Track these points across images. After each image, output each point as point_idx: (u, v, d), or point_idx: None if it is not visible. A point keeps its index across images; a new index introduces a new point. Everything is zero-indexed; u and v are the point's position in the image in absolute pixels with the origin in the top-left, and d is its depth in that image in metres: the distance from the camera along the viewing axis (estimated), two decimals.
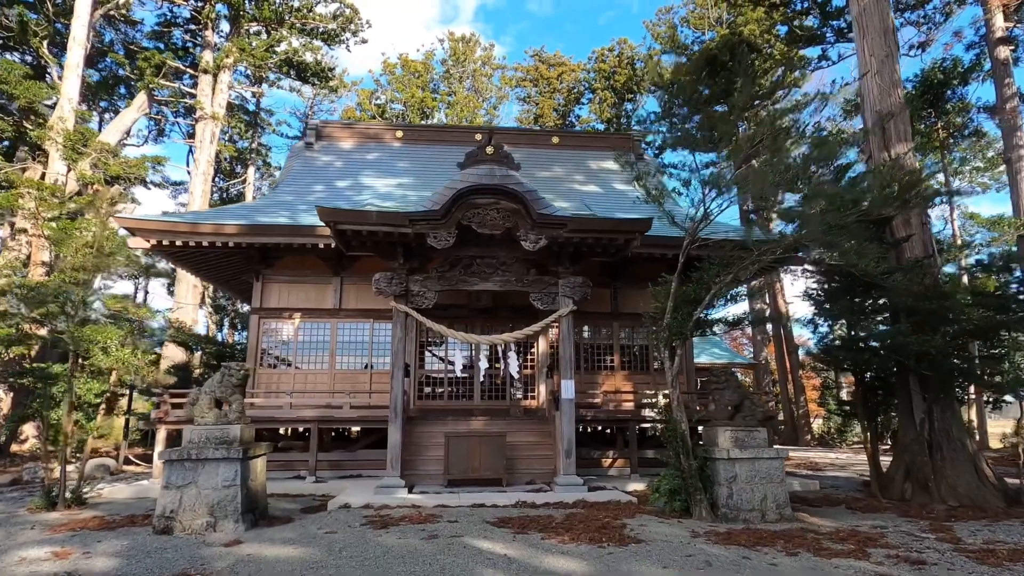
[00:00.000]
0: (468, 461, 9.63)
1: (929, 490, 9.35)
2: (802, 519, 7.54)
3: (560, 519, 7.22)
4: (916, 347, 8.13)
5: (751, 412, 8.06)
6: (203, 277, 14.26)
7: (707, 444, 8.14)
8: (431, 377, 13.04)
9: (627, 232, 9.20)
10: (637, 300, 13.57)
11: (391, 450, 9.34)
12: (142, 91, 23.78)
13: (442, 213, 8.87)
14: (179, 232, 10.93)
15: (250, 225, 11.09)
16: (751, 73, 16.64)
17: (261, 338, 12.61)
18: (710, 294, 7.76)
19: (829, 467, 15.53)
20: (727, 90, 9.45)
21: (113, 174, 19.11)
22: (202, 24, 26.98)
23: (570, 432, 9.62)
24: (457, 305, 12.72)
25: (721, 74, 11.08)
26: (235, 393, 7.56)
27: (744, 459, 7.65)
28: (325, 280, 12.99)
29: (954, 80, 20.80)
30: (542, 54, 41.62)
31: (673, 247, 11.69)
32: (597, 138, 19.03)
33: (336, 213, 8.86)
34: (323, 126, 16.92)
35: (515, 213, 9.06)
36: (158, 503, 6.92)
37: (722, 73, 11.13)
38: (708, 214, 7.85)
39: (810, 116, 10.49)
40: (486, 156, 9.22)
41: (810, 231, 6.72)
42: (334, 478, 11.50)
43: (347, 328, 12.88)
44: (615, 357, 13.44)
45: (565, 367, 9.88)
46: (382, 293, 9.70)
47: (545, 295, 10.09)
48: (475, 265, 10.11)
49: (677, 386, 7.81)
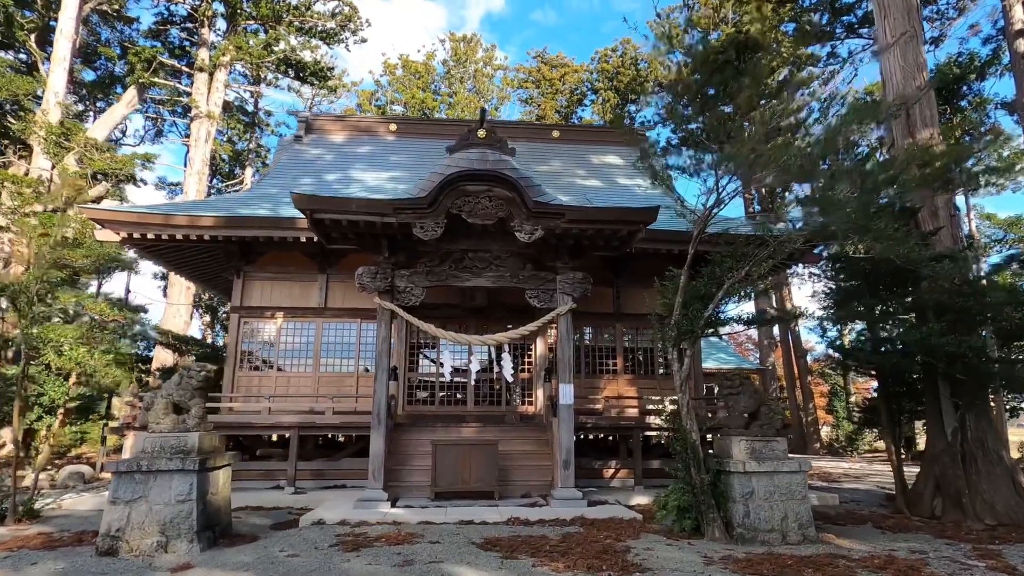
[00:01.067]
0: (458, 472, 8.84)
1: (962, 506, 8.53)
2: (828, 541, 6.73)
3: (556, 540, 6.42)
4: (951, 348, 7.33)
5: (768, 420, 7.26)
6: (184, 274, 13.53)
7: (719, 455, 7.34)
8: (421, 381, 12.26)
9: (631, 223, 8.43)
10: (641, 300, 12.77)
11: (373, 460, 8.56)
12: (132, 86, 23.18)
13: (429, 201, 8.12)
14: (151, 224, 10.21)
15: (227, 217, 10.36)
16: (758, 71, 15.91)
17: (242, 339, 11.86)
18: (723, 289, 6.98)
19: (844, 478, 14.68)
20: (733, 89, 8.74)
21: (98, 170, 18.44)
22: (199, 22, 26.50)
23: (568, 441, 8.83)
24: (449, 304, 11.96)
25: (727, 72, 10.37)
26: (195, 397, 6.80)
27: (762, 472, 6.85)
28: (310, 277, 12.24)
29: (971, 75, 20.04)
30: (544, 55, 40.99)
31: (680, 242, 10.94)
32: (599, 132, 18.29)
33: (313, 200, 8.12)
34: (314, 119, 16.22)
35: (509, 201, 8.30)
36: (103, 520, 6.15)
37: (728, 71, 10.42)
38: (721, 199, 7.08)
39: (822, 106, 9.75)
40: (478, 140, 8.49)
41: (839, 215, 5.97)
42: (316, 488, 10.73)
43: (333, 328, 12.12)
44: (618, 360, 12.64)
45: (563, 370, 9.10)
46: (365, 289, 8.95)
47: (542, 292, 9.33)
48: (466, 260, 9.35)
49: (687, 390, 7.01)
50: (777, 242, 6.72)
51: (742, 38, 26.84)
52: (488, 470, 8.88)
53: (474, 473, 8.83)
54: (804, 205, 6.67)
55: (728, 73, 7.45)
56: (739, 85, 7.07)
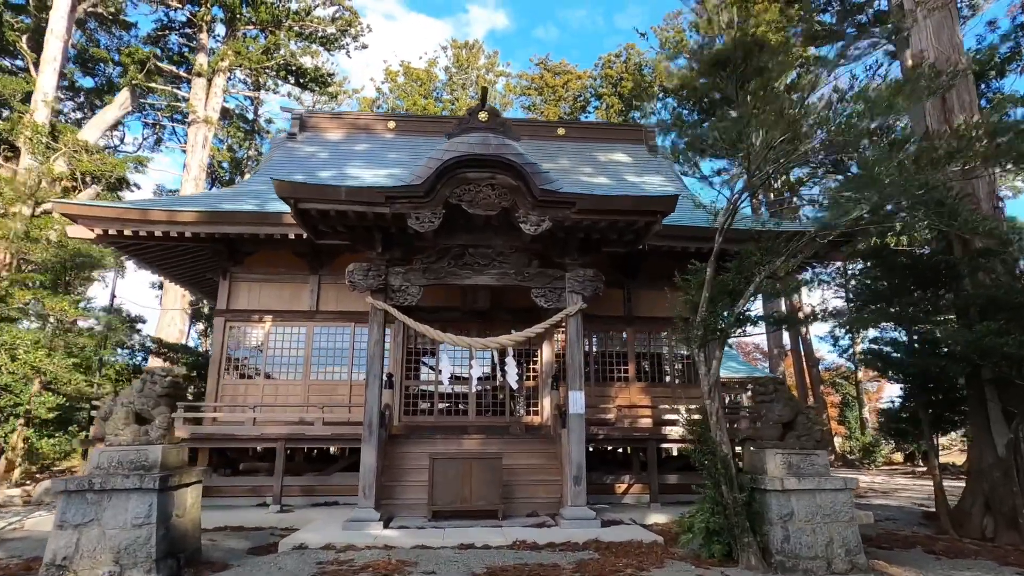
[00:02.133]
0: (458, 489, 8.01)
1: (1019, 528, 7.66)
2: (880, 569, 5.89)
3: (569, 569, 5.61)
4: (1011, 350, 6.51)
5: (807, 431, 6.44)
6: (168, 276, 12.78)
7: (751, 471, 6.52)
8: (419, 390, 11.46)
9: (648, 213, 7.67)
10: (654, 302, 12.00)
11: (364, 475, 7.75)
12: (125, 87, 22.62)
13: (425, 189, 7.38)
14: (128, 220, 9.48)
15: (209, 212, 9.63)
16: (765, 74, 15.24)
17: (227, 344, 11.10)
18: (753, 284, 6.21)
19: (870, 493, 13.77)
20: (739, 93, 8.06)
21: (86, 171, 17.77)
22: (197, 27, 26.13)
23: (579, 454, 8.01)
24: (449, 307, 11.19)
25: (734, 75, 9.74)
26: (160, 405, 6.03)
27: (802, 491, 6.02)
28: (301, 279, 11.49)
29: (990, 71, 19.30)
30: (547, 62, 40.53)
31: (697, 238, 10.19)
32: (606, 130, 17.59)
33: (298, 188, 7.38)
34: (308, 116, 15.55)
35: (513, 190, 7.55)
36: (47, 547, 5.35)
37: (734, 74, 9.80)
38: (753, 181, 6.31)
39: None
40: (479, 123, 7.76)
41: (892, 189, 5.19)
42: (305, 506, 9.92)
43: (325, 333, 11.35)
44: (629, 367, 11.82)
45: (573, 376, 8.30)
46: (356, 287, 8.18)
47: (549, 291, 8.55)
48: (467, 256, 8.60)
49: (717, 397, 6.20)
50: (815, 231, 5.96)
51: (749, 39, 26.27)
52: (491, 486, 8.05)
53: (475, 490, 8.01)
54: (848, 187, 5.90)
55: (734, 78, 6.78)
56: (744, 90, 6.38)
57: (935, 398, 9.40)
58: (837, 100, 5.98)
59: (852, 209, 5.52)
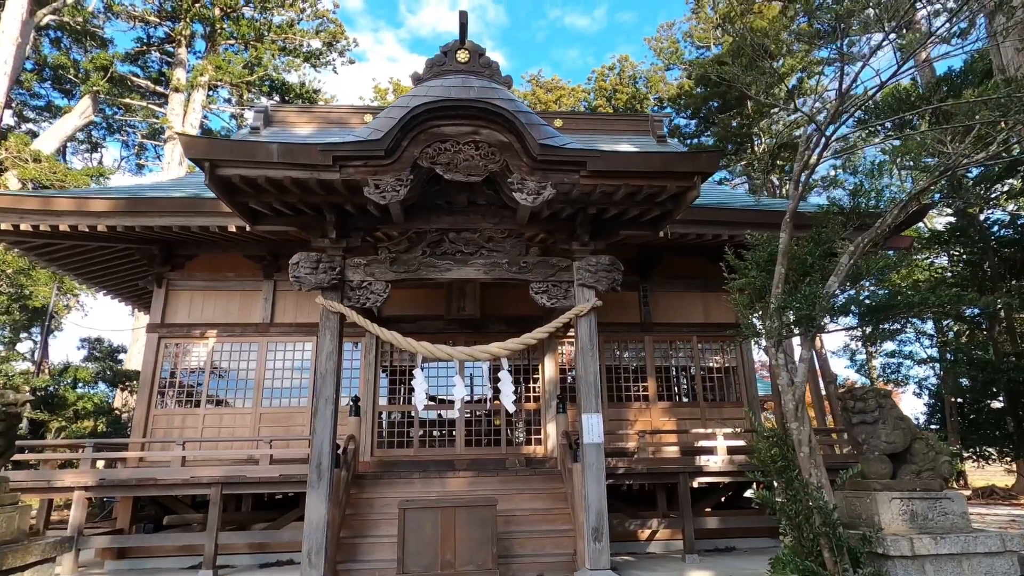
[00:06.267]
0: (437, 550, 5.97)
1: None
2: None
3: None
4: None
5: (929, 464, 4.49)
6: (90, 283, 10.79)
7: (849, 524, 4.55)
8: (397, 417, 9.46)
9: (682, 176, 5.81)
10: (675, 305, 10.14)
11: (309, 534, 5.73)
12: (86, 95, 20.98)
13: (387, 146, 5.52)
14: (25, 211, 7.60)
15: (127, 199, 7.73)
16: (765, 79, 13.74)
17: (160, 365, 9.12)
18: (847, 253, 4.34)
19: None
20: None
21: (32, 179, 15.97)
22: (176, 41, 24.90)
23: (599, 497, 6.04)
24: (429, 316, 9.29)
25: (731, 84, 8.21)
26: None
27: (941, 557, 4.06)
28: (253, 286, 9.57)
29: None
30: (539, 79, 39.50)
31: (731, 224, 8.34)
32: (609, 120, 15.86)
33: (214, 147, 5.52)
34: (275, 110, 13.80)
35: (504, 148, 5.71)
36: None
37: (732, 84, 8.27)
38: (847, 95, 4.44)
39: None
40: (458, 64, 5.96)
41: None
42: (252, 566, 7.92)
43: (281, 349, 9.38)
44: (649, 383, 9.85)
45: (587, 394, 6.36)
46: (302, 283, 6.28)
47: (553, 285, 6.68)
48: (446, 242, 6.73)
49: (805, 417, 4.25)
50: (940, 172, 4.14)
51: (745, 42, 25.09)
52: (481, 545, 6.01)
53: (461, 550, 5.97)
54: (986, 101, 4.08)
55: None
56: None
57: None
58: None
59: (997, 135, 3.77)
